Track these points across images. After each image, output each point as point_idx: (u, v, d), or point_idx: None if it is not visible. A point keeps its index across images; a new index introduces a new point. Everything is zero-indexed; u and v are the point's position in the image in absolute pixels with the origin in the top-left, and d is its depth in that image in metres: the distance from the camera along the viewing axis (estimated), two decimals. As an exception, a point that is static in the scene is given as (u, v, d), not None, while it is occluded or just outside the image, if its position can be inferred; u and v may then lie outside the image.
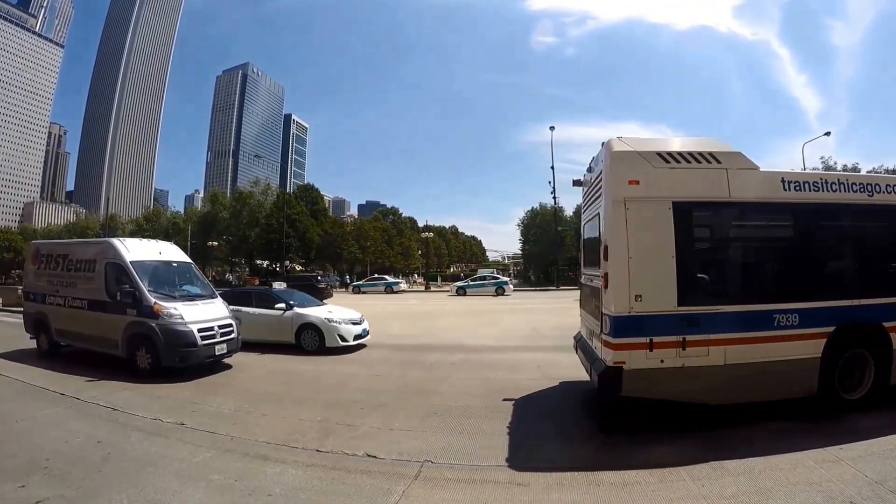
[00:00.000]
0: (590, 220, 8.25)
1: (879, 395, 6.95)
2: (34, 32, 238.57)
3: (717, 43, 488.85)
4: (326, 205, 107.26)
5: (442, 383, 9.81)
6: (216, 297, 12.17)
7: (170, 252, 12.55)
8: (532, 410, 8.02)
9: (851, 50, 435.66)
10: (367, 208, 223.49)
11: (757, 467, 5.42)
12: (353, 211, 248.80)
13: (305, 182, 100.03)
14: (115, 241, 11.92)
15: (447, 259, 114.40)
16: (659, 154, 6.69)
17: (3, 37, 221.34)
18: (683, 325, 6.33)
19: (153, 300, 10.58)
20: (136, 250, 11.55)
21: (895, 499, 4.62)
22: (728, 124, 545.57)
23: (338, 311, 14.51)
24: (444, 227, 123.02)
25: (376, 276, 63.75)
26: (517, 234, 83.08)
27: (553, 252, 59.94)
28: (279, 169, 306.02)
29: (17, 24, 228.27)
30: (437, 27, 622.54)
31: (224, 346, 11.06)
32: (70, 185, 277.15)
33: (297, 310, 14.02)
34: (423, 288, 60.24)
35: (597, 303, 7.08)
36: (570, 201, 71.25)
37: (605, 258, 6.55)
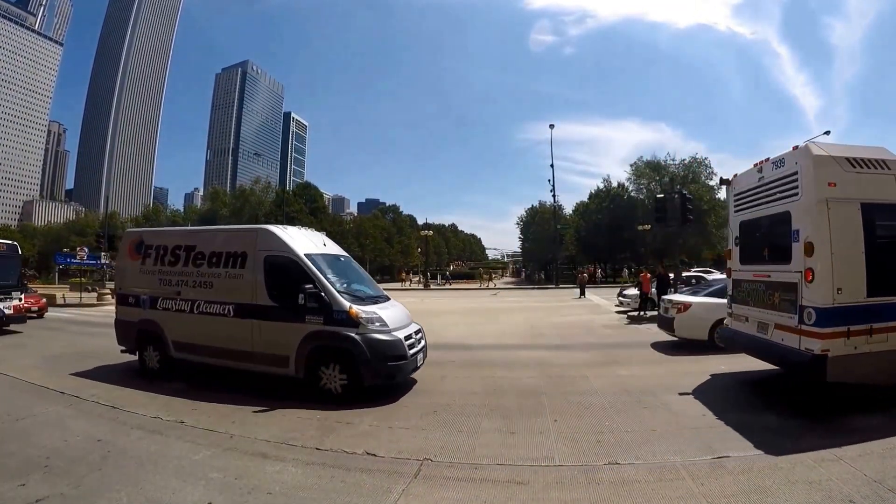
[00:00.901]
0: (757, 217, 8.67)
1: None
2: (33, 30, 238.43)
3: (716, 42, 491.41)
4: (326, 203, 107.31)
5: (441, 381, 9.80)
6: (389, 297, 10.22)
7: (331, 243, 10.52)
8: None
9: (851, 49, 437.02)
10: (367, 206, 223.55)
11: (756, 466, 5.43)
12: (353, 209, 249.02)
13: (305, 180, 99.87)
14: (276, 230, 9.51)
15: (447, 257, 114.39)
16: (847, 159, 7.22)
17: (2, 35, 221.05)
18: (870, 314, 6.91)
19: (348, 304, 8.58)
20: (301, 241, 9.49)
21: (894, 497, 4.63)
22: (727, 123, 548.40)
23: None
24: (443, 225, 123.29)
25: None
26: (516, 232, 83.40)
27: (552, 250, 60.01)
28: (279, 167, 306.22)
29: (16, 22, 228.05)
30: (436, 26, 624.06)
31: (421, 355, 9.34)
32: (70, 184, 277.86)
33: None
34: (421, 286, 60.12)
35: (783, 296, 7.68)
36: (568, 200, 71.34)
37: (810, 254, 7.08)
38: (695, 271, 32.89)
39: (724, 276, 12.21)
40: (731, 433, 6.50)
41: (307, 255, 8.98)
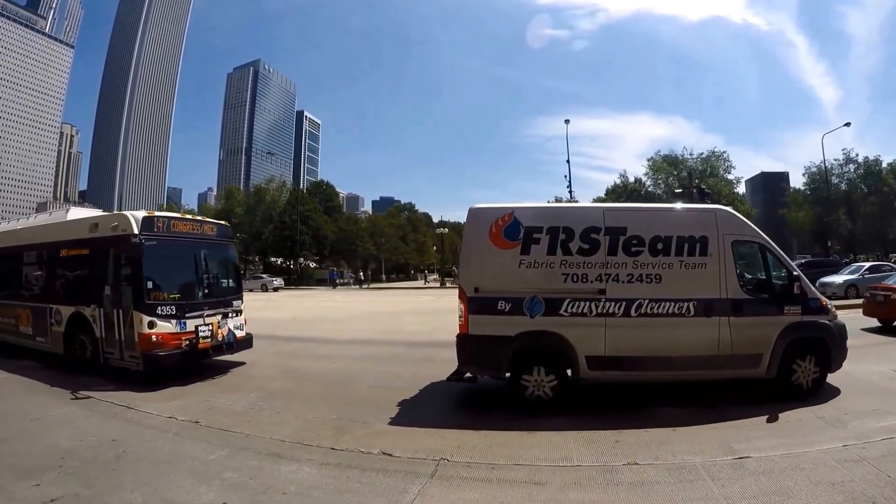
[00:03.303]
0: None
1: None
2: (44, 33, 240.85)
3: (730, 33, 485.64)
4: (341, 201, 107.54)
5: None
6: None
7: None
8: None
9: (868, 38, 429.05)
10: (382, 204, 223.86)
11: (778, 467, 5.33)
12: (367, 207, 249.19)
13: (319, 179, 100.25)
14: (733, 211, 8.47)
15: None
16: None
17: (13, 39, 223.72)
18: None
19: (817, 291, 8.01)
20: None
21: (920, 500, 4.51)
22: (743, 115, 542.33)
23: None
24: (459, 223, 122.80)
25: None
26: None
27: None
28: (292, 166, 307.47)
29: (26, 26, 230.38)
30: (447, 23, 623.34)
31: None
32: (83, 185, 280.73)
33: None
34: (437, 285, 60.04)
35: None
36: (584, 195, 70.99)
37: None
38: None
39: None
40: (748, 432, 6.40)
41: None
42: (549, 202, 74.10)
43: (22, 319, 12.27)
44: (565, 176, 56.02)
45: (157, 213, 10.52)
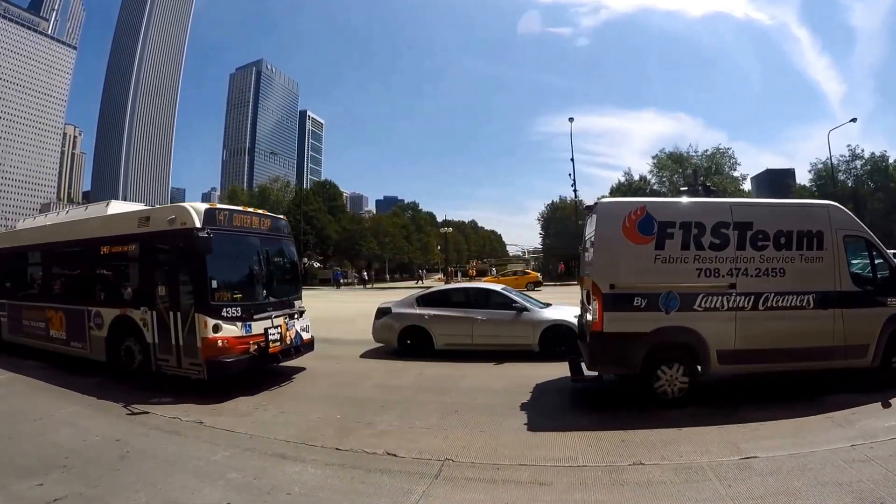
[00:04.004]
0: None
1: None
2: (46, 35, 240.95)
3: (733, 28, 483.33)
4: (344, 201, 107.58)
5: (461, 380, 9.71)
6: None
7: None
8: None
9: (872, 31, 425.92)
10: (385, 204, 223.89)
11: (785, 467, 5.29)
12: (371, 206, 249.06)
13: (322, 178, 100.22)
14: (840, 208, 8.38)
15: (467, 254, 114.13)
16: None
17: (16, 40, 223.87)
18: None
19: None
20: None
21: (929, 499, 4.47)
22: (748, 111, 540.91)
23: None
24: (463, 222, 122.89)
25: None
26: (536, 228, 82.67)
27: (574, 245, 59.53)
28: (295, 165, 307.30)
29: (28, 28, 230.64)
30: (448, 20, 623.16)
31: None
32: (86, 185, 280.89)
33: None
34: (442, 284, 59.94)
35: None
36: (589, 193, 70.82)
37: None
38: None
39: None
40: (759, 432, 6.36)
41: None
42: (553, 201, 74.06)
43: (53, 323, 11.32)
44: (570, 174, 55.62)
45: (218, 206, 9.76)
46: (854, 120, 50.13)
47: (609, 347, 7.63)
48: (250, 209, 10.57)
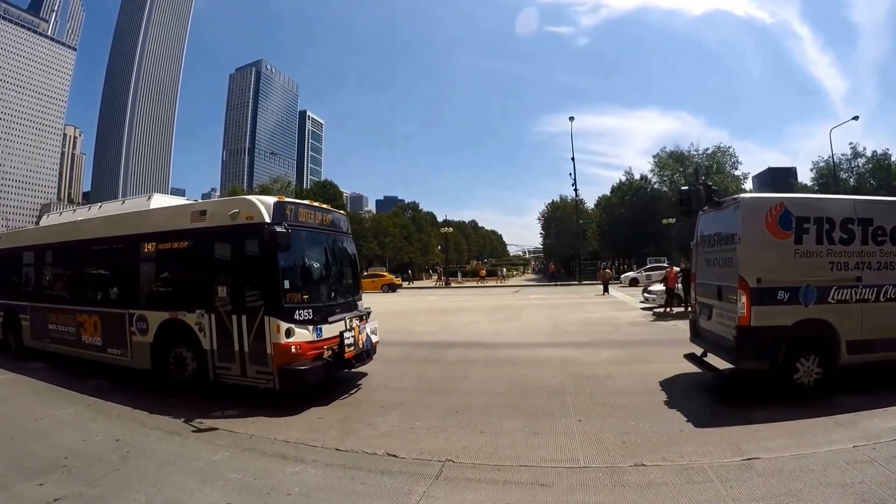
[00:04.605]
0: None
1: None
2: (46, 36, 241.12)
3: (734, 26, 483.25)
4: (344, 201, 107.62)
5: (462, 381, 9.70)
6: None
7: None
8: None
9: (875, 27, 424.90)
10: (386, 203, 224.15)
11: (787, 468, 5.27)
12: (371, 206, 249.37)
13: (322, 178, 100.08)
14: None
15: (467, 254, 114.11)
16: None
17: (15, 41, 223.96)
18: None
19: None
20: None
21: (933, 501, 4.45)
22: (750, 109, 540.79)
23: None
24: (463, 222, 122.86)
25: None
26: (537, 227, 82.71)
27: (575, 245, 59.52)
28: (295, 166, 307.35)
29: (28, 29, 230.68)
30: (448, 19, 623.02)
31: None
32: (87, 186, 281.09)
33: None
34: (442, 284, 59.95)
35: None
36: (590, 193, 70.83)
37: None
38: None
39: None
40: (762, 433, 6.34)
41: None
42: (554, 200, 73.94)
43: (86, 327, 10.41)
44: (570, 174, 55.67)
45: (286, 199, 8.89)
46: (856, 118, 50.14)
47: (757, 341, 7.75)
48: (315, 203, 9.69)
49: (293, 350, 7.84)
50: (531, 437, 6.58)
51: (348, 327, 8.80)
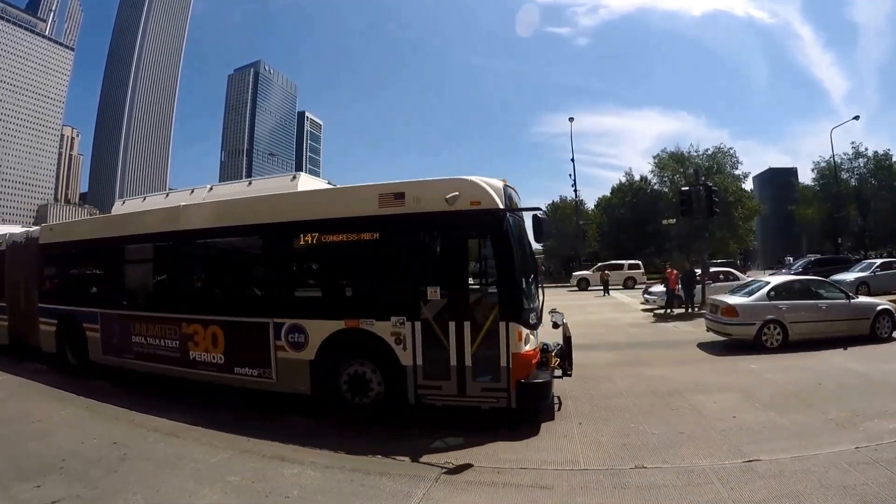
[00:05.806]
0: None
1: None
2: (44, 36, 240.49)
3: (735, 27, 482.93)
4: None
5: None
6: None
7: None
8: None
9: (877, 26, 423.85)
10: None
11: (788, 470, 5.25)
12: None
13: (322, 179, 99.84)
14: None
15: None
16: None
17: (13, 41, 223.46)
18: None
19: None
20: None
21: (934, 502, 4.43)
22: (751, 109, 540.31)
23: None
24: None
25: None
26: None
27: (574, 246, 59.42)
28: (294, 166, 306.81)
29: (26, 29, 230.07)
30: (446, 19, 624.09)
31: None
32: (84, 186, 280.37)
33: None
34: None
35: None
36: (590, 194, 70.86)
37: None
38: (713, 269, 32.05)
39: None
40: (763, 435, 6.32)
41: None
42: (554, 201, 73.83)
43: (196, 340, 8.45)
44: (570, 174, 55.59)
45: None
46: (857, 117, 50.32)
47: None
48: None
49: (533, 361, 6.91)
50: (531, 439, 6.56)
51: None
